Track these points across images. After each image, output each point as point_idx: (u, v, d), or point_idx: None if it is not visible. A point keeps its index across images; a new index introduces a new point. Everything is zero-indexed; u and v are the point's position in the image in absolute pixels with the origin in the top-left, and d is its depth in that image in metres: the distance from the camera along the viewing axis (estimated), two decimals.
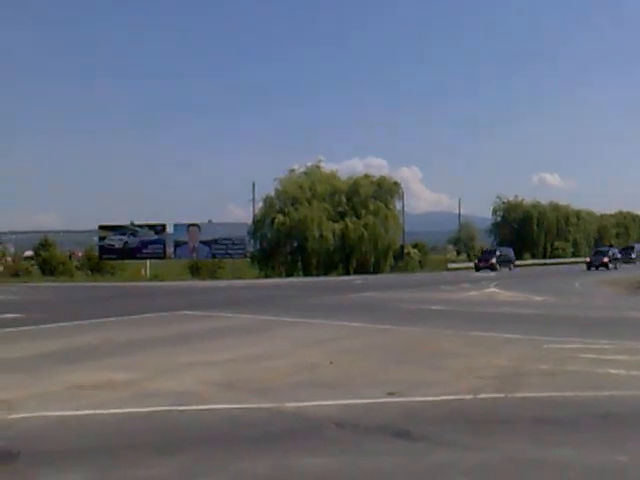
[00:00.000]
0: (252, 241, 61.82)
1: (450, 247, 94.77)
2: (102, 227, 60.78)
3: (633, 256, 73.35)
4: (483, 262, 62.89)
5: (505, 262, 63.95)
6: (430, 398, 7.86)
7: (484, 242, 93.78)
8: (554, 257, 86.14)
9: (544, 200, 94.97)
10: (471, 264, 72.10)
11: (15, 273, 59.64)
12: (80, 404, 7.72)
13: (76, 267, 64.98)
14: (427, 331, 14.74)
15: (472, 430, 6.46)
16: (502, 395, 8.00)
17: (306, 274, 58.70)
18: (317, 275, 57.61)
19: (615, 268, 58.04)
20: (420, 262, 69.53)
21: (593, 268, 57.71)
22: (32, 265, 66.25)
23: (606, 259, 59.21)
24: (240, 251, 59.65)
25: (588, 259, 61.89)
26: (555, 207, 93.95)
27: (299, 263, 61.68)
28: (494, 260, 62.16)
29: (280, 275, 59.07)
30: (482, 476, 5.24)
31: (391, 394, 8.01)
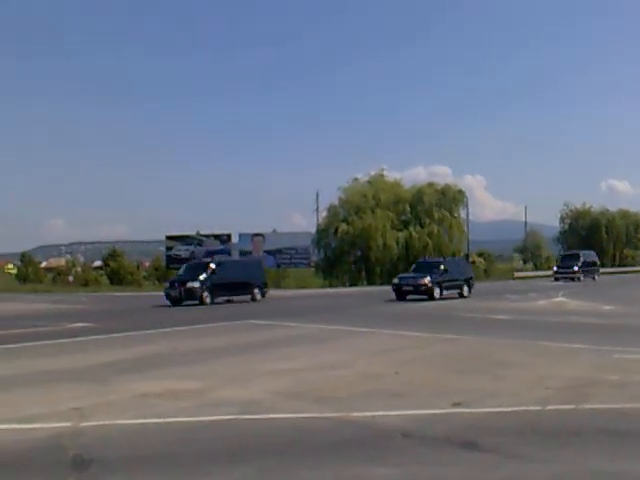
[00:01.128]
0: (316, 250, 61.99)
1: (516, 256, 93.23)
2: (169, 237, 61.90)
3: (575, 268, 54.31)
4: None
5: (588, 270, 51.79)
6: (497, 409, 7.75)
7: (551, 251, 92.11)
8: (623, 265, 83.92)
9: (613, 207, 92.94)
10: (539, 272, 70.79)
11: (85, 283, 61.21)
12: (148, 413, 7.86)
13: (144, 277, 66.37)
14: (492, 341, 14.55)
15: (541, 442, 6.33)
16: (571, 406, 7.83)
17: (370, 283, 58.58)
18: (381, 284, 57.35)
19: (462, 295, 33.28)
20: (486, 271, 68.68)
21: (420, 295, 31.67)
22: (101, 275, 67.94)
23: (426, 280, 31.62)
24: (304, 260, 59.98)
25: (396, 280, 33.71)
26: (624, 214, 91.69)
27: (363, 272, 61.59)
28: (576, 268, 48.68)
29: (344, 284, 59.09)
30: None
31: (457, 404, 7.93)
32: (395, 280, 33.73)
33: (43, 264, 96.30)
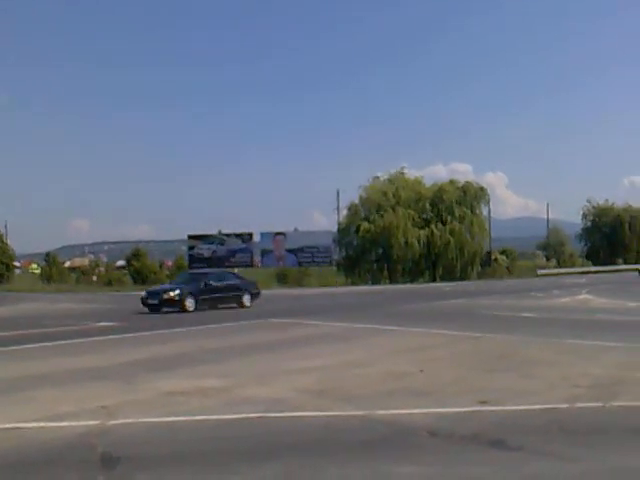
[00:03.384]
0: (337, 249, 62.10)
1: (539, 253, 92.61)
2: (191, 237, 62.18)
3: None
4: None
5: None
6: (524, 407, 7.71)
7: (575, 247, 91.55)
8: None
9: (636, 204, 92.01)
10: (562, 270, 70.11)
11: (108, 282, 61.69)
12: (174, 411, 7.89)
13: (167, 276, 66.72)
14: (518, 339, 14.47)
15: (570, 440, 6.29)
16: (600, 404, 7.76)
17: (392, 281, 58.66)
18: (403, 282, 57.45)
19: None
20: (508, 268, 68.45)
21: None
22: (124, 274, 68.46)
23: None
24: (326, 259, 60.04)
25: None
26: None
27: (385, 270, 61.62)
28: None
29: (366, 282, 59.17)
30: None
31: (483, 403, 7.89)
32: None
33: (67, 264, 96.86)
